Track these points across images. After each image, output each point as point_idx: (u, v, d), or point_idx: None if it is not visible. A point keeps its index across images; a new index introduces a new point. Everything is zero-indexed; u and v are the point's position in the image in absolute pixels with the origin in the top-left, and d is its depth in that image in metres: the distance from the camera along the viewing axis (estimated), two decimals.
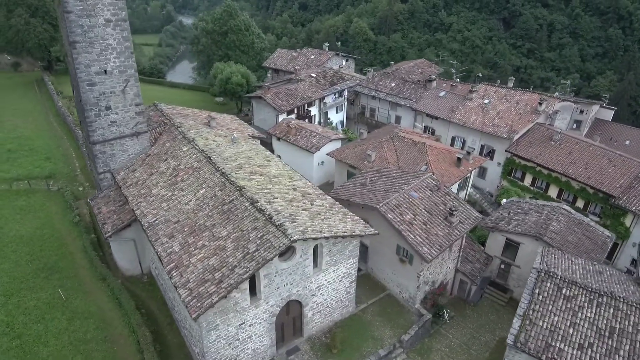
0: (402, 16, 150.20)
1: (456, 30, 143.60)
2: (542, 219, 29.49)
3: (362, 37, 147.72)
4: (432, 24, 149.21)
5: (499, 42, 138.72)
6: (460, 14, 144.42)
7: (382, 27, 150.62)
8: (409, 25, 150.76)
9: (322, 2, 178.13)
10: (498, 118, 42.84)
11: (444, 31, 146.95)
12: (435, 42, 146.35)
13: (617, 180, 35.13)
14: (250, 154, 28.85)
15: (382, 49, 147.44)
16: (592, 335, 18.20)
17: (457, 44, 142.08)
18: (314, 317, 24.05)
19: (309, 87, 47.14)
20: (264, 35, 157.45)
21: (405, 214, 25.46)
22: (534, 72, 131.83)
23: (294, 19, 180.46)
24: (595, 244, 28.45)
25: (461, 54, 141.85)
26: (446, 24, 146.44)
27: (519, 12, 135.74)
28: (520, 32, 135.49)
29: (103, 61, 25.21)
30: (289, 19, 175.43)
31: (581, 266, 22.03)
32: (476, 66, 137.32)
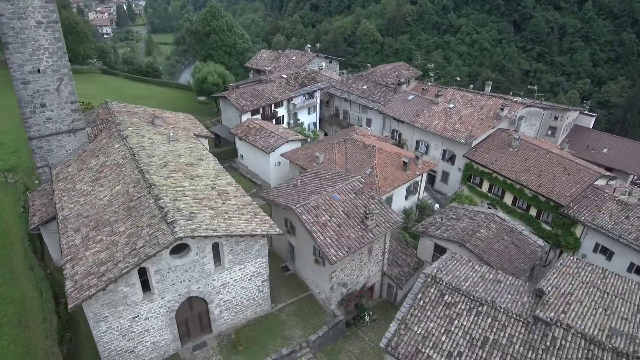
0: (410, 18, 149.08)
1: (465, 32, 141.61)
2: (472, 225, 29.17)
3: (369, 38, 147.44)
4: (441, 26, 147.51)
5: (508, 45, 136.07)
6: (470, 16, 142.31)
7: (390, 28, 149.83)
8: (418, 27, 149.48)
9: (333, 3, 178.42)
10: (459, 123, 42.39)
11: (452, 33, 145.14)
12: (444, 44, 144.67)
13: (568, 189, 34.34)
14: (183, 153, 29.59)
15: (389, 50, 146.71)
16: (464, 345, 18.03)
17: (466, 46, 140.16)
18: (223, 314, 24.55)
19: (276, 88, 47.66)
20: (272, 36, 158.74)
21: (321, 215, 25.67)
22: (544, 77, 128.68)
23: (305, 20, 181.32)
24: (523, 253, 27.94)
25: (469, 56, 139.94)
26: (455, 26, 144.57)
27: (529, 15, 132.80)
28: (531, 35, 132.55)
29: (36, 61, 26.38)
30: (299, 19, 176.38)
31: (480, 274, 21.77)
32: (484, 69, 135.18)
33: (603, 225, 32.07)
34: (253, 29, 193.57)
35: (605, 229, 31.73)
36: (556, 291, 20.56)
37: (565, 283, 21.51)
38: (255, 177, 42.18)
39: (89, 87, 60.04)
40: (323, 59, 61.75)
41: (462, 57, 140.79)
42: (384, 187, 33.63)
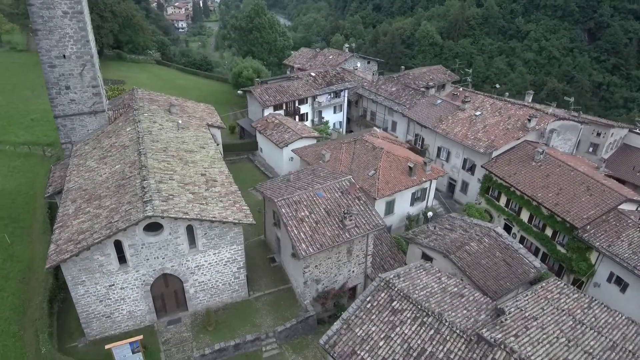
0: (474, 21, 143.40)
1: (533, 38, 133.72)
2: (464, 237, 28.00)
3: (428, 40, 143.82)
4: (507, 31, 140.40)
5: (580, 54, 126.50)
6: (540, 22, 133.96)
7: (452, 31, 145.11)
8: (482, 30, 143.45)
9: (395, 4, 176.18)
10: (483, 132, 40.52)
11: (519, 39, 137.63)
12: (508, 50, 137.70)
13: (586, 211, 31.69)
14: (187, 140, 31.30)
15: (449, 54, 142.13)
16: (400, 353, 17.61)
17: (532, 53, 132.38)
18: (198, 295, 25.79)
19: (302, 86, 48.45)
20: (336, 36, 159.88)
21: (301, 210, 26.04)
22: (617, 91, 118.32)
23: (365, 20, 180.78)
24: (513, 272, 26.35)
25: (535, 64, 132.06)
26: (523, 31, 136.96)
27: (606, 24, 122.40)
28: (606, 46, 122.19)
29: (62, 47, 29.28)
30: (360, 19, 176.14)
31: (443, 286, 20.95)
32: (550, 79, 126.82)
33: (619, 254, 29.29)
34: (314, 28, 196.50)
35: (621, 258, 28.97)
36: (519, 313, 19.33)
37: (535, 307, 20.12)
38: (270, 170, 43.31)
39: (142, 76, 64.75)
40: (359, 59, 61.52)
41: (528, 65, 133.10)
42: (384, 190, 33.16)
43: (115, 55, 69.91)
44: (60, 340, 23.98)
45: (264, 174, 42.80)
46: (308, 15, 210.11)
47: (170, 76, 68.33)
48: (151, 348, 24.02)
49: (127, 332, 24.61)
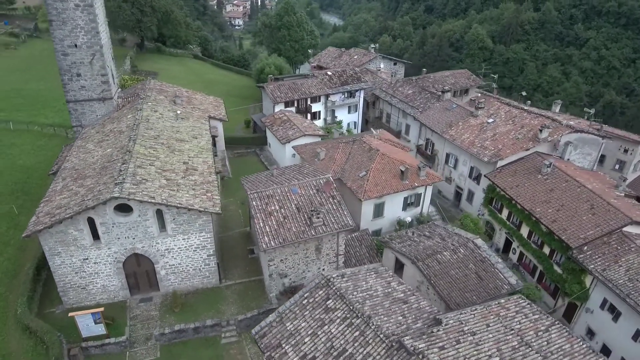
0: (529, 26, 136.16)
1: (592, 46, 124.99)
2: (439, 246, 27.16)
3: (478, 44, 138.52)
4: (565, 37, 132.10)
5: None
6: (601, 29, 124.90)
7: (504, 35, 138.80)
8: (537, 36, 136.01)
9: (448, 6, 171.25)
10: (491, 140, 38.83)
11: (577, 46, 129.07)
12: (565, 58, 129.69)
13: (584, 231, 29.58)
14: (182, 130, 32.75)
15: (499, 59, 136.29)
16: (321, 350, 17.58)
17: (590, 62, 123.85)
18: (169, 277, 27.05)
19: (316, 84, 48.79)
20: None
21: (272, 204, 26.53)
22: None
23: (416, 22, 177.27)
24: (483, 286, 25.23)
25: (593, 74, 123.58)
26: (582, 38, 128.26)
27: None
28: None
29: (74, 37, 31.67)
30: (410, 20, 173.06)
31: (390, 290, 20.54)
32: (608, 91, 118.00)
33: (613, 279, 27.10)
34: (363, 28, 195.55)
35: (614, 284, 26.79)
36: (457, 326, 18.60)
37: (481, 322, 19.28)
38: (273, 165, 44.08)
39: (176, 69, 68.10)
40: (382, 60, 60.77)
41: (584, 74, 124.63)
42: (371, 192, 32.79)
43: (155, 48, 74.03)
44: (42, 305, 26.16)
45: (267, 169, 43.64)
46: (358, 16, 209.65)
47: (203, 70, 71.27)
48: (118, 321, 25.56)
49: (101, 304, 26.29)
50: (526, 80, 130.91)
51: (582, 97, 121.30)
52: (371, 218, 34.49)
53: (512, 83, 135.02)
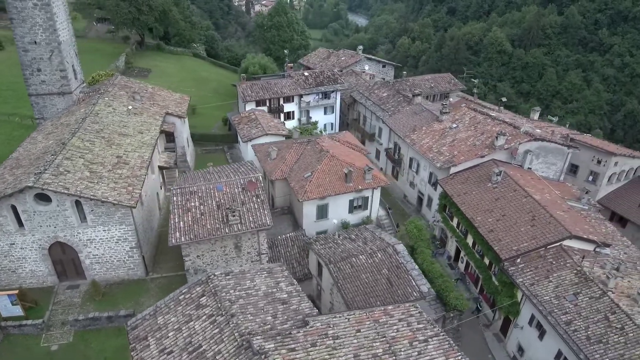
0: (551, 30, 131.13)
1: (616, 53, 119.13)
2: (358, 249, 26.87)
3: (496, 48, 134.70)
4: (589, 43, 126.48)
5: None
6: (627, 35, 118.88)
7: (524, 39, 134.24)
8: (559, 40, 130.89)
9: (471, 9, 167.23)
10: (449, 145, 37.94)
11: (600, 53, 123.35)
12: (587, 64, 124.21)
13: (519, 242, 28.51)
14: (130, 125, 33.73)
15: (517, 64, 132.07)
16: (179, 345, 17.80)
17: (613, 69, 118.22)
18: (94, 266, 28.01)
19: (289, 84, 49.02)
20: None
21: (193, 200, 27.03)
22: None
23: (438, 24, 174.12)
24: (391, 292, 24.78)
25: (616, 82, 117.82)
26: (606, 44, 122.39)
27: None
28: None
29: (33, 34, 33.31)
30: (430, 23, 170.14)
31: (273, 290, 20.55)
32: (631, 99, 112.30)
33: (539, 295, 26.01)
34: (384, 29, 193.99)
35: (539, 300, 25.71)
36: (323, 329, 18.44)
37: (351, 326, 19.05)
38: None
39: (171, 67, 69.98)
40: (367, 62, 60.20)
41: (606, 82, 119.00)
42: (311, 193, 32.71)
43: (155, 46, 76.31)
44: None
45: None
46: (381, 17, 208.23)
47: (198, 68, 72.85)
48: (42, 305, 26.72)
49: (31, 288, 27.58)
50: (545, 87, 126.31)
51: (602, 105, 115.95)
52: (315, 219, 34.39)
53: (531, 89, 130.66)
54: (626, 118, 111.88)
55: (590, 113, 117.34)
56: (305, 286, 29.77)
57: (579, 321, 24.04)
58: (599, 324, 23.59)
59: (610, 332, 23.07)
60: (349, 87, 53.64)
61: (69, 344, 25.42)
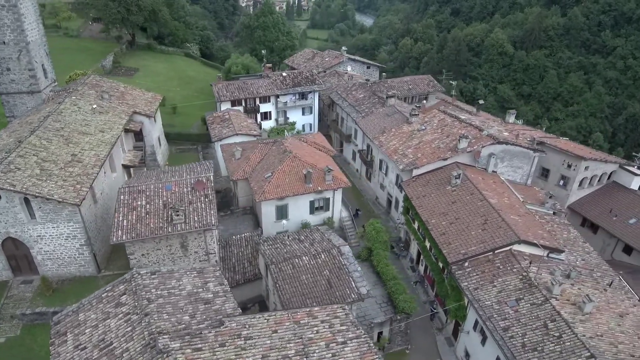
0: (553, 31, 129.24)
1: (619, 55, 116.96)
2: (302, 250, 26.92)
3: (497, 49, 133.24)
4: (592, 45, 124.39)
5: None
6: (630, 37, 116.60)
7: (526, 41, 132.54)
8: (561, 42, 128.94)
9: (475, 9, 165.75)
10: (414, 148, 37.76)
11: (603, 55, 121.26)
12: (589, 66, 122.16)
13: (468, 246, 28.30)
14: (93, 124, 34.20)
15: (518, 65, 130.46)
16: (93, 342, 17.94)
17: (616, 72, 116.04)
18: (46, 262, 28.52)
19: (266, 84, 49.21)
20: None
21: (140, 199, 27.34)
22: None
23: (442, 25, 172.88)
24: (329, 294, 24.78)
25: (618, 84, 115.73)
26: (609, 46, 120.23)
27: None
28: None
29: (1, 35, 34.03)
30: (433, 23, 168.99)
31: (198, 290, 20.72)
32: (633, 103, 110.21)
33: (481, 300, 25.77)
34: (387, 30, 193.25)
35: (480, 305, 25.47)
36: (237, 329, 18.55)
37: (268, 327, 19.14)
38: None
39: (159, 66, 70.69)
40: (349, 63, 60.07)
41: (608, 84, 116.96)
42: (269, 193, 32.79)
43: (146, 45, 77.17)
44: None
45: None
46: (385, 17, 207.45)
47: (187, 68, 73.38)
48: None
49: None
50: (545, 89, 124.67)
51: (603, 108, 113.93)
52: (274, 220, 34.50)
53: (531, 91, 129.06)
54: (627, 122, 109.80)
55: (591, 116, 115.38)
56: (256, 286, 30.08)
57: (517, 327, 23.78)
58: (536, 332, 23.29)
59: (547, 340, 22.76)
60: (331, 88, 53.67)
61: (16, 337, 25.99)
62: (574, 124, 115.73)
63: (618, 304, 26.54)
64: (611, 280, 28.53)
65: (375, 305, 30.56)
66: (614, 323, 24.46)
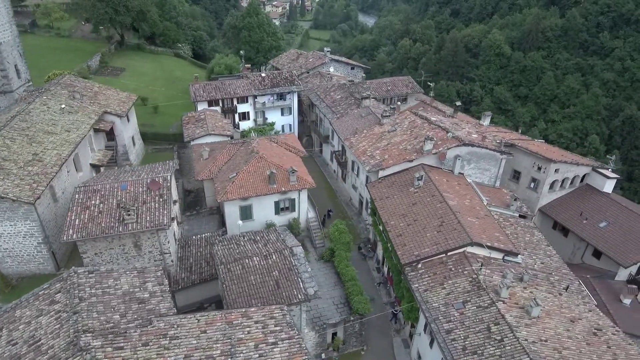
0: (551, 32, 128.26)
1: (617, 57, 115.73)
2: (254, 251, 27.05)
3: (494, 50, 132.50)
4: (590, 46, 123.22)
5: None
6: (628, 39, 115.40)
7: (524, 42, 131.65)
8: (559, 44, 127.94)
9: (474, 10, 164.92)
10: (383, 149, 37.75)
11: (601, 56, 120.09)
12: (586, 68, 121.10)
13: (421, 248, 28.25)
14: (60, 123, 34.61)
15: (515, 67, 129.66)
16: (24, 338, 18.31)
17: (613, 73, 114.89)
18: (6, 260, 28.94)
19: (244, 85, 49.41)
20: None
21: (94, 199, 27.62)
22: None
23: (441, 26, 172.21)
24: (276, 295, 24.82)
25: (615, 86, 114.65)
26: (607, 48, 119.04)
27: None
28: None
29: None
30: (433, 24, 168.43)
31: (132, 290, 20.92)
32: (630, 105, 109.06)
33: (430, 302, 25.72)
34: (387, 31, 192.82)
35: (427, 307, 25.42)
36: (166, 329, 18.71)
37: (198, 327, 19.30)
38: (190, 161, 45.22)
39: (147, 66, 71.25)
40: (332, 64, 60.06)
41: (606, 86, 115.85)
42: (231, 193, 32.92)
43: (135, 46, 77.81)
44: None
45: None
46: (385, 18, 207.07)
47: (175, 67, 73.81)
48: None
49: None
50: (542, 90, 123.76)
51: (600, 110, 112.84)
52: (239, 220, 34.64)
53: (528, 93, 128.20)
54: (624, 124, 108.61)
55: (588, 118, 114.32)
56: (213, 286, 30.23)
57: (460, 330, 23.69)
58: (479, 335, 23.19)
59: (488, 343, 22.65)
60: (312, 88, 53.75)
61: None
62: (570, 126, 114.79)
63: (572, 308, 26.38)
64: (567, 285, 28.35)
65: (332, 306, 30.66)
66: (562, 328, 24.28)
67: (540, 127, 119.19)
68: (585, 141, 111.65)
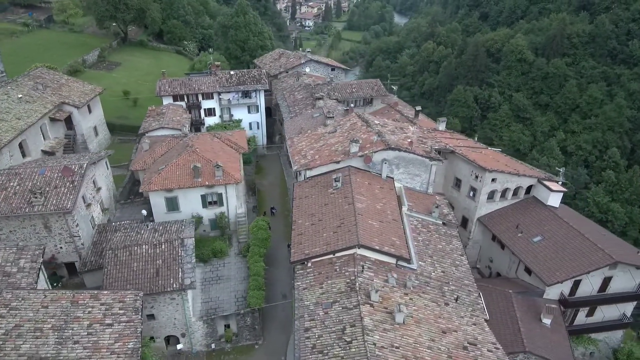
0: (578, 39, 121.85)
1: None
2: (144, 239, 28.39)
3: (516, 56, 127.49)
4: (618, 54, 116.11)
5: None
6: None
7: (547, 48, 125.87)
8: (585, 51, 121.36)
9: (503, 14, 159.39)
10: (316, 150, 38.05)
11: (630, 65, 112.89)
12: (613, 77, 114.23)
13: (313, 247, 28.50)
14: (13, 111, 37.50)
15: (537, 73, 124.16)
16: None
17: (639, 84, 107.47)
18: None
19: (210, 82, 51.00)
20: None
21: (12, 181, 29.88)
22: None
23: (469, 29, 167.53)
24: (152, 282, 25.97)
25: None
26: (636, 56, 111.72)
27: None
28: None
29: None
30: (459, 27, 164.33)
31: (2, 264, 22.71)
32: None
33: (303, 299, 25.97)
34: (414, 33, 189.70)
35: (299, 304, 25.67)
36: (9, 300, 20.28)
37: (40, 302, 20.70)
38: None
39: (144, 62, 74.83)
40: (310, 64, 60.32)
41: (632, 97, 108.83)
42: (155, 184, 34.41)
43: (138, 42, 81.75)
44: None
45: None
46: (412, 20, 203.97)
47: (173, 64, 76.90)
48: None
49: None
50: (563, 99, 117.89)
51: (623, 122, 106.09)
52: (165, 211, 36.04)
53: (549, 101, 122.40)
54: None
55: (609, 130, 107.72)
56: None
57: (318, 329, 23.80)
58: (332, 335, 23.23)
59: (337, 344, 22.68)
60: (284, 88, 54.60)
61: None
62: (590, 138, 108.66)
63: (452, 319, 25.82)
64: (457, 296, 27.64)
65: (232, 300, 31.46)
66: (427, 337, 23.82)
67: (559, 138, 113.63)
68: (605, 154, 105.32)
